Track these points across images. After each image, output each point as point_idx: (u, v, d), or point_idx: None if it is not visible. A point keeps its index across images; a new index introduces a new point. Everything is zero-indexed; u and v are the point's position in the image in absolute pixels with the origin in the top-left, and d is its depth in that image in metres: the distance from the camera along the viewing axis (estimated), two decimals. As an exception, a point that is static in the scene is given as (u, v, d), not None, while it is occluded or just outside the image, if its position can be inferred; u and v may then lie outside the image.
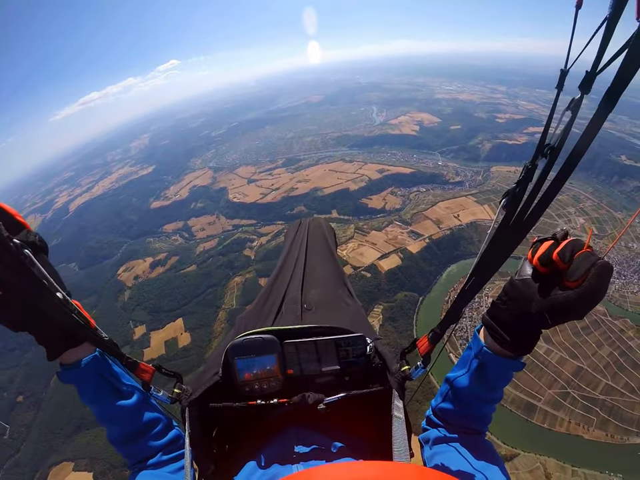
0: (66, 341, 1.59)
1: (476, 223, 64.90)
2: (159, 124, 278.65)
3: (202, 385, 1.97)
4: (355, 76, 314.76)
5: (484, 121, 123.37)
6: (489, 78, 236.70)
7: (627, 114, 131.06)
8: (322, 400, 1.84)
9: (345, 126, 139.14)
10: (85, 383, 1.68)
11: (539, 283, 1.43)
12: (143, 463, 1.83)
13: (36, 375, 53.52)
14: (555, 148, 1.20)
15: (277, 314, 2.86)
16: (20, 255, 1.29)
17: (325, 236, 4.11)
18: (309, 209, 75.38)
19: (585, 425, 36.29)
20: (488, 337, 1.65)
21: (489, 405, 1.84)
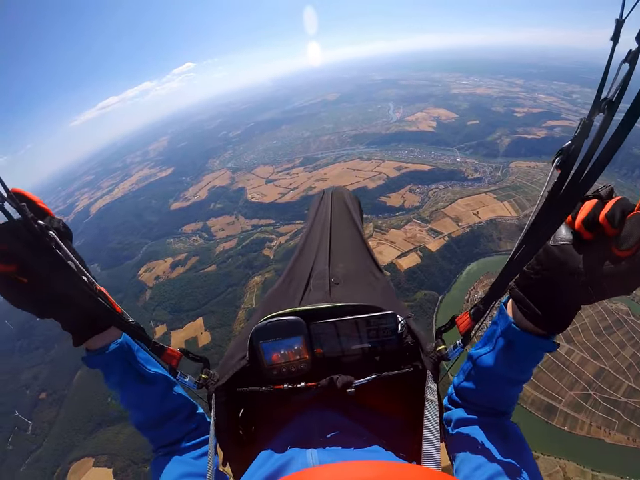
0: (92, 327, 1.59)
1: (496, 220, 64.09)
2: (176, 126, 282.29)
3: (229, 371, 1.92)
4: (370, 73, 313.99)
5: (502, 115, 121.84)
6: (506, 71, 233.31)
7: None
8: (351, 382, 1.73)
9: (362, 124, 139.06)
10: (110, 368, 1.68)
11: (581, 250, 1.22)
12: (166, 448, 1.84)
13: (59, 373, 54.93)
14: (614, 102, 1.04)
15: (305, 290, 2.71)
16: (45, 237, 1.27)
17: (348, 207, 3.85)
18: (327, 208, 75.19)
19: (606, 428, 35.51)
20: (517, 312, 1.48)
21: (516, 386, 1.67)
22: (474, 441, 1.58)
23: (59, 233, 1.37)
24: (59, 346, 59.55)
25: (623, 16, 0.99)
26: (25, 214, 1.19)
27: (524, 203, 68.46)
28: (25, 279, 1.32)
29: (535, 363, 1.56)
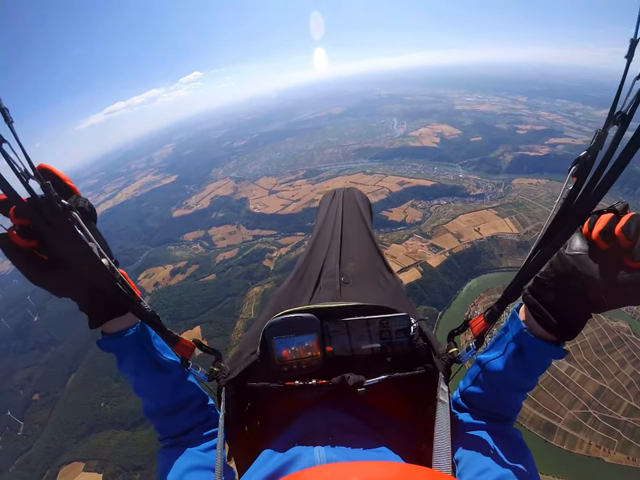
0: (109, 310, 1.57)
1: (497, 237, 64.24)
2: (182, 134, 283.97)
3: (240, 365, 1.92)
4: (375, 88, 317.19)
5: (505, 132, 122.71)
6: (509, 88, 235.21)
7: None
8: (363, 382, 1.74)
9: (366, 138, 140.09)
10: (125, 353, 1.66)
11: (596, 260, 1.26)
12: (174, 439, 1.83)
13: (53, 375, 55.04)
14: (627, 115, 1.12)
15: (315, 289, 2.71)
16: (67, 217, 1.27)
17: (359, 207, 3.83)
18: (329, 221, 75.39)
19: (605, 448, 35.08)
20: (530, 318, 1.50)
21: (522, 393, 1.71)
22: (478, 446, 1.59)
23: (82, 214, 1.36)
24: (54, 348, 59.88)
25: (637, 36, 1.05)
26: (49, 192, 1.20)
27: (525, 219, 68.76)
28: (45, 256, 1.32)
29: (542, 370, 1.58)
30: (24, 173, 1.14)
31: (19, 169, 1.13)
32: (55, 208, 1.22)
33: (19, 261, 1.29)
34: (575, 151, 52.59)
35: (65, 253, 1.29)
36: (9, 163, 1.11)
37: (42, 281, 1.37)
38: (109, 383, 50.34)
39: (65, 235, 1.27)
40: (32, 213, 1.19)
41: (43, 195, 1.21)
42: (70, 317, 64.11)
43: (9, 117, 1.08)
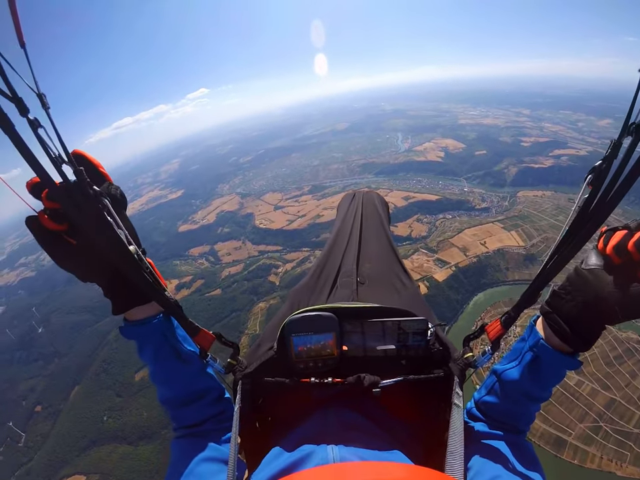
0: (134, 298, 1.59)
1: (503, 250, 63.89)
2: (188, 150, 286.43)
3: (257, 359, 1.95)
4: (379, 103, 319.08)
5: (509, 145, 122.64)
6: (512, 101, 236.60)
7: None
8: (378, 382, 1.76)
9: (371, 153, 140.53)
10: (147, 341, 1.68)
11: (610, 274, 1.34)
12: (188, 429, 1.83)
13: (56, 387, 54.98)
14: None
15: (332, 287, 2.77)
16: (98, 203, 1.29)
17: (378, 210, 3.87)
18: (335, 236, 75.40)
19: (617, 461, 34.35)
20: (547, 329, 1.54)
21: (536, 404, 1.72)
22: (490, 454, 1.60)
23: (113, 201, 1.38)
24: (58, 360, 60.01)
25: None
26: (81, 177, 1.22)
27: (531, 232, 68.49)
28: (73, 240, 1.34)
29: (557, 380, 1.62)
30: (58, 157, 1.16)
31: (53, 154, 1.15)
32: (86, 193, 1.24)
33: (47, 244, 1.32)
34: (580, 162, 53.05)
35: (93, 239, 1.30)
36: (44, 148, 1.12)
37: (69, 265, 1.39)
38: (112, 397, 50.38)
39: (95, 220, 1.28)
40: (63, 197, 1.20)
41: (75, 181, 1.22)
42: (74, 330, 64.72)
43: (46, 102, 1.10)
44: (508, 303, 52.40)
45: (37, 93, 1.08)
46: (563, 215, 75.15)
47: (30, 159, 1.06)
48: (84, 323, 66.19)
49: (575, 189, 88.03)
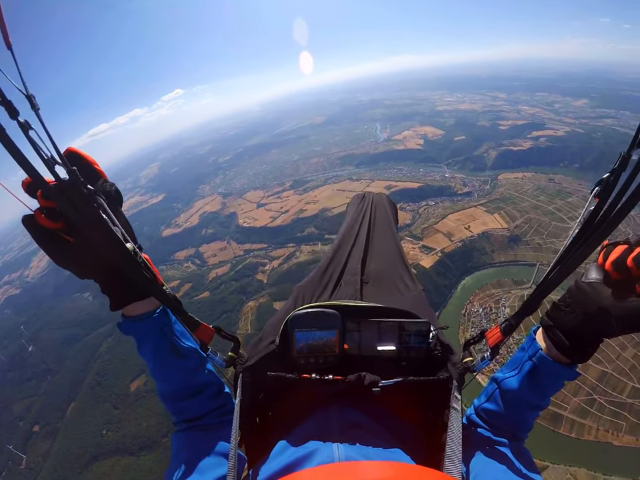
0: (131, 293, 1.57)
1: (487, 233, 64.81)
2: (167, 153, 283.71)
3: (258, 353, 1.95)
4: (356, 94, 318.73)
5: (487, 129, 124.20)
6: (488, 86, 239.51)
7: (628, 109, 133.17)
8: (378, 382, 1.75)
9: (350, 145, 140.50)
10: (145, 337, 1.68)
11: (609, 288, 1.34)
12: (188, 423, 1.84)
13: (52, 405, 54.20)
14: None
15: (336, 285, 2.81)
16: (93, 202, 1.30)
17: (387, 212, 3.91)
18: (319, 230, 75.97)
19: (614, 431, 35.47)
20: (546, 340, 1.55)
21: (535, 411, 1.74)
22: (489, 459, 1.60)
23: (108, 198, 1.40)
24: (51, 377, 59.12)
25: None
26: (75, 177, 1.23)
27: (514, 213, 69.66)
28: (70, 238, 1.35)
29: (555, 390, 1.63)
30: (51, 159, 1.16)
31: (45, 155, 1.15)
32: (80, 192, 1.25)
33: (44, 242, 1.33)
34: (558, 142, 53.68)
35: (89, 236, 1.31)
36: (36, 150, 1.12)
37: (66, 263, 1.41)
38: (109, 409, 49.82)
39: (91, 218, 1.29)
40: (57, 197, 1.21)
41: (69, 179, 1.24)
42: (65, 345, 63.75)
43: (36, 104, 1.09)
44: (495, 285, 53.46)
45: (26, 95, 1.08)
46: (544, 195, 76.51)
47: (20, 160, 1.05)
48: (74, 337, 65.21)
49: (554, 169, 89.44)
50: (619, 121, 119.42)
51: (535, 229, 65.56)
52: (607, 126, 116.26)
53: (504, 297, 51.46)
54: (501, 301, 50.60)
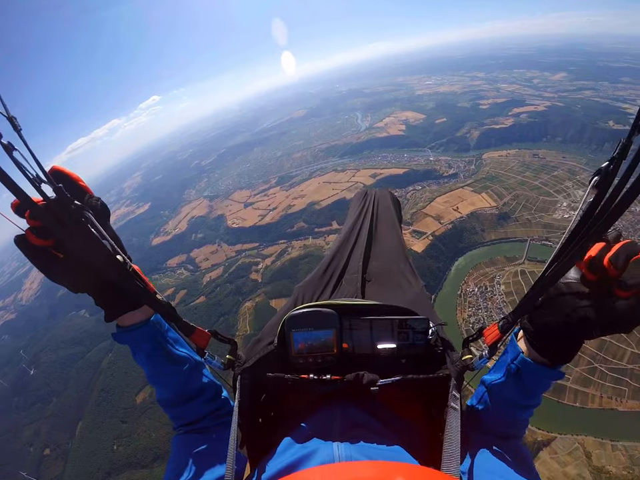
0: (124, 304, 1.59)
1: (476, 213, 65.36)
2: (149, 161, 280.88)
3: (256, 354, 1.96)
4: (334, 85, 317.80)
5: (468, 109, 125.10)
6: (466, 66, 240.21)
7: (607, 79, 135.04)
8: (376, 381, 1.73)
9: (332, 136, 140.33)
10: (139, 346, 1.69)
11: (587, 288, 1.30)
12: (187, 427, 1.86)
13: (60, 426, 53.67)
14: None
15: (337, 284, 2.84)
16: (81, 217, 1.33)
17: (390, 208, 3.95)
18: (308, 224, 75.82)
19: (617, 397, 35.97)
20: (526, 343, 1.54)
21: (526, 411, 1.72)
22: (486, 460, 1.61)
23: (95, 212, 1.42)
24: (56, 399, 58.48)
25: None
26: (61, 194, 1.26)
27: (501, 191, 70.46)
28: (60, 254, 1.38)
29: (542, 390, 1.63)
30: (36, 178, 1.18)
31: (30, 175, 1.17)
32: (67, 209, 1.28)
33: (37, 259, 1.36)
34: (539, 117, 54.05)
35: (79, 251, 1.34)
36: (21, 170, 1.14)
37: (59, 278, 1.43)
38: (117, 424, 49.56)
39: (79, 234, 1.32)
40: (45, 216, 1.24)
41: (55, 198, 1.27)
42: (66, 365, 63.20)
43: (18, 124, 1.12)
44: (489, 263, 54.00)
45: (7, 117, 1.10)
46: (529, 170, 77.44)
47: (7, 182, 1.08)
48: (74, 356, 64.54)
49: (538, 144, 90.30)
50: (598, 92, 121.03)
51: (523, 205, 66.13)
52: (586, 98, 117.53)
53: (498, 274, 51.94)
54: (495, 279, 51.00)
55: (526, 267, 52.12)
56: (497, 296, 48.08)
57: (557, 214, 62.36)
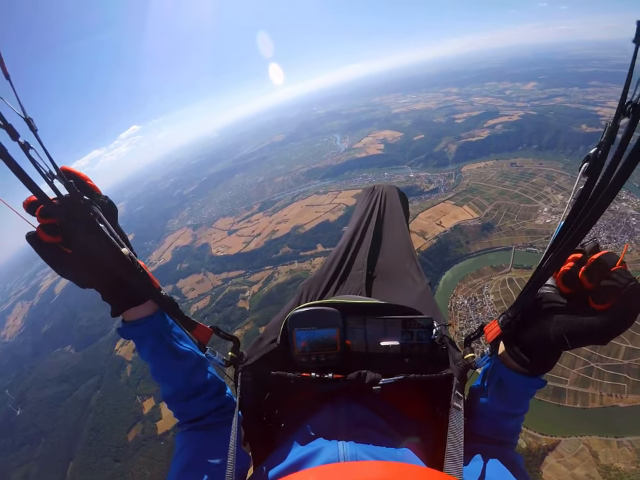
0: (130, 299, 1.63)
1: (460, 226, 65.65)
2: (130, 191, 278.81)
3: (258, 352, 1.97)
4: (312, 109, 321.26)
5: (444, 124, 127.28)
6: (440, 83, 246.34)
7: (576, 85, 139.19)
8: (379, 380, 1.74)
9: (312, 159, 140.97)
10: (144, 341, 1.70)
11: (563, 300, 1.32)
12: (191, 423, 1.85)
13: (51, 468, 51.96)
14: (639, 105, 1.02)
15: (342, 280, 2.85)
16: (89, 212, 1.37)
17: (397, 205, 3.88)
18: (294, 248, 75.18)
19: (617, 394, 36.16)
20: (504, 353, 1.56)
21: (513, 419, 1.72)
22: (478, 466, 1.59)
23: (103, 209, 1.47)
24: (45, 439, 56.54)
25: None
26: (72, 190, 1.32)
27: (482, 202, 71.31)
28: (69, 249, 1.42)
29: (526, 398, 1.64)
30: (49, 174, 1.25)
31: (44, 171, 1.23)
32: (78, 205, 1.34)
33: (47, 255, 1.40)
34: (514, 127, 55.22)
35: (88, 247, 1.40)
36: (36, 167, 1.21)
37: (67, 273, 1.48)
38: (110, 463, 47.96)
39: (88, 228, 1.37)
40: (59, 212, 1.31)
41: (67, 195, 1.33)
42: (53, 404, 61.38)
43: (34, 125, 1.19)
44: (476, 275, 54.27)
45: (24, 118, 1.17)
46: (508, 180, 78.64)
47: (26, 181, 1.15)
48: (62, 394, 62.58)
49: (514, 153, 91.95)
50: (569, 97, 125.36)
51: (505, 214, 66.86)
52: (558, 104, 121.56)
53: (486, 284, 52.04)
54: (484, 289, 51.09)
55: (513, 275, 52.35)
56: (487, 306, 48.05)
57: (539, 220, 63.26)
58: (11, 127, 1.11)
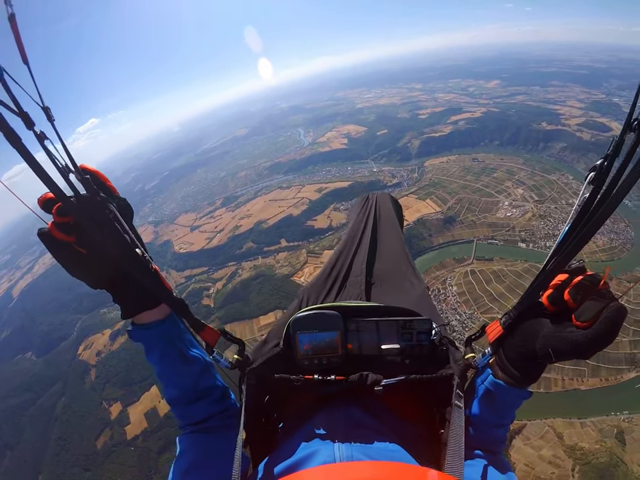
0: (142, 302, 1.63)
1: (423, 219, 66.32)
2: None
3: (262, 355, 2.01)
4: (276, 102, 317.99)
5: (408, 120, 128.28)
6: (404, 79, 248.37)
7: (538, 84, 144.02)
8: (380, 381, 1.80)
9: (276, 154, 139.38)
10: (154, 344, 1.72)
11: (548, 316, 1.40)
12: (194, 426, 1.87)
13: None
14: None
15: (341, 286, 2.90)
16: (105, 209, 1.37)
17: (391, 211, 4.01)
18: (257, 244, 74.33)
19: (578, 378, 38.04)
20: (495, 365, 1.64)
21: (500, 429, 1.79)
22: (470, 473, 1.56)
23: (119, 208, 1.47)
24: (10, 452, 53.63)
25: None
26: (89, 186, 1.31)
27: (445, 196, 72.58)
28: (83, 249, 1.40)
29: (513, 408, 1.71)
30: (65, 168, 1.22)
31: (60, 164, 1.21)
32: (95, 202, 1.33)
33: (59, 255, 1.39)
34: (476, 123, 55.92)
35: (103, 246, 1.37)
36: (51, 159, 1.18)
37: (79, 273, 1.47)
38: (80, 473, 45.91)
39: (105, 227, 1.36)
40: (77, 211, 1.28)
41: (84, 194, 1.32)
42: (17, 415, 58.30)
43: (51, 115, 1.16)
44: (439, 267, 55.62)
45: (41, 107, 1.13)
46: (470, 174, 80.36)
47: (44, 177, 1.12)
48: (25, 404, 59.48)
49: (476, 149, 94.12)
50: (530, 96, 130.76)
51: (467, 207, 68.24)
52: (519, 102, 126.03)
53: (449, 276, 53.04)
54: (447, 281, 51.99)
55: (475, 267, 53.61)
56: (450, 297, 48.82)
57: (499, 213, 65.19)
58: (27, 115, 1.06)
